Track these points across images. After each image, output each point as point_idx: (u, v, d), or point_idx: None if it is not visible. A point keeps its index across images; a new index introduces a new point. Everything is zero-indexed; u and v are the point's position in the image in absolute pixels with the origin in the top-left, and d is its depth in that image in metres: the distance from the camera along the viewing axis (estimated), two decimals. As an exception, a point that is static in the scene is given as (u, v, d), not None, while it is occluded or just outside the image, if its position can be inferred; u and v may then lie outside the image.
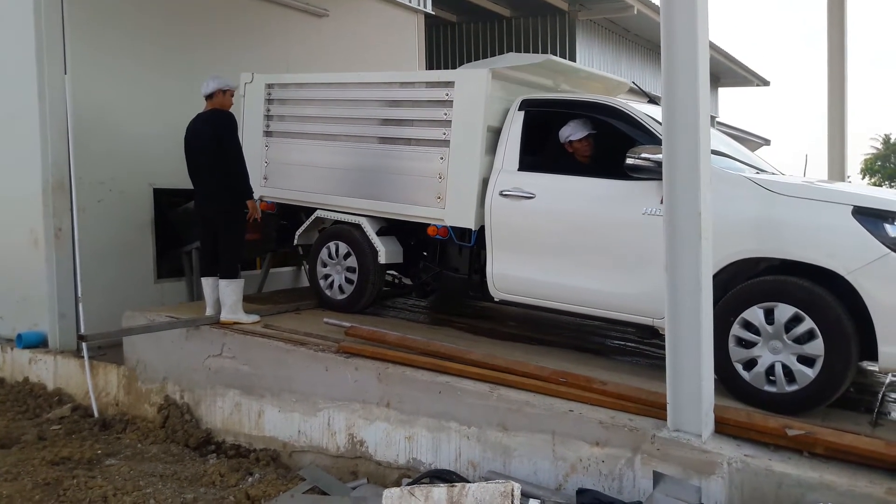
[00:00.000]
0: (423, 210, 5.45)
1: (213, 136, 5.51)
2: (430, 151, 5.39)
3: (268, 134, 6.55)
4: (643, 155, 4.20)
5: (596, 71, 6.09)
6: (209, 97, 5.67)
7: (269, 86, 6.52)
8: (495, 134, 5.19)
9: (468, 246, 5.30)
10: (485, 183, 5.13)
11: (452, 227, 5.29)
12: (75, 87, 6.42)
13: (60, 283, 6.47)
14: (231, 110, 5.75)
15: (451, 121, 5.25)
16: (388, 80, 5.77)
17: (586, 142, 5.08)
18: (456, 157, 5.23)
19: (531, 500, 3.54)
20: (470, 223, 5.17)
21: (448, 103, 5.28)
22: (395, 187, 5.62)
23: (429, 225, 5.44)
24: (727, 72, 19.63)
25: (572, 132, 5.07)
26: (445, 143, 5.29)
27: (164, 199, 7.28)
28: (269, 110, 6.54)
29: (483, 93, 5.09)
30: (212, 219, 5.67)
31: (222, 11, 7.86)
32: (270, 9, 8.38)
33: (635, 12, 13.90)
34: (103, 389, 6.00)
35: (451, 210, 5.27)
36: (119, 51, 6.91)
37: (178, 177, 6.16)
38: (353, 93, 5.95)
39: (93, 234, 6.53)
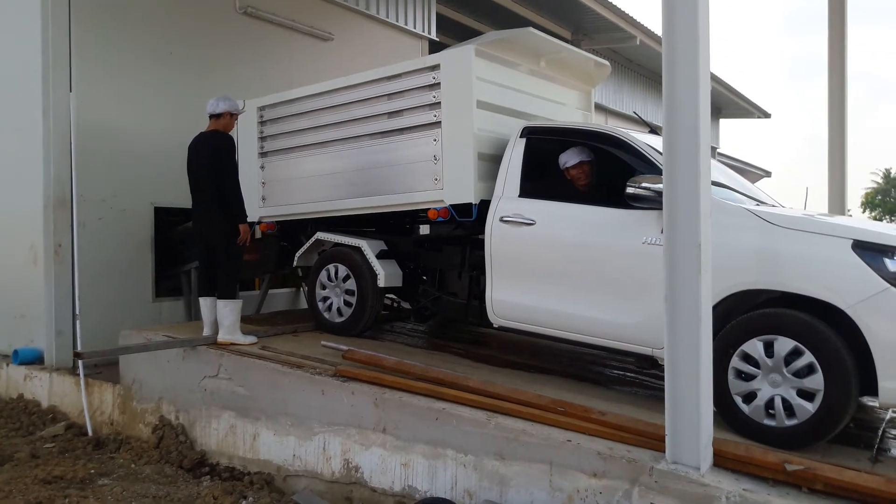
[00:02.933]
0: (421, 195, 5.46)
1: (212, 157, 5.54)
2: (424, 136, 5.43)
3: (263, 155, 6.63)
4: (644, 184, 4.21)
5: (576, 49, 6.10)
6: (217, 117, 5.71)
7: (261, 108, 6.62)
8: (485, 110, 5.24)
9: (469, 221, 5.21)
10: (481, 157, 5.17)
11: (453, 206, 5.27)
12: (80, 104, 6.47)
13: (58, 299, 6.46)
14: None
15: (440, 102, 5.31)
16: (375, 77, 5.81)
17: (581, 169, 5.09)
18: (449, 136, 5.27)
19: (527, 530, 3.51)
20: (469, 197, 5.15)
21: (436, 86, 5.34)
22: (393, 179, 5.64)
23: (430, 210, 5.42)
24: (728, 103, 19.80)
25: (568, 159, 5.10)
26: (437, 124, 5.33)
27: (164, 218, 7.30)
28: (262, 132, 6.63)
29: (470, 68, 5.15)
30: (209, 239, 5.67)
31: (227, 33, 7.94)
32: (275, 31, 8.47)
33: (638, 42, 14.06)
34: (98, 408, 5.96)
35: (449, 188, 5.28)
36: (124, 70, 6.98)
37: (180, 195, 6.19)
38: (342, 97, 6.02)
39: (92, 251, 6.54)
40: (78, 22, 6.60)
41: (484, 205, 5.15)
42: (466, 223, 5.29)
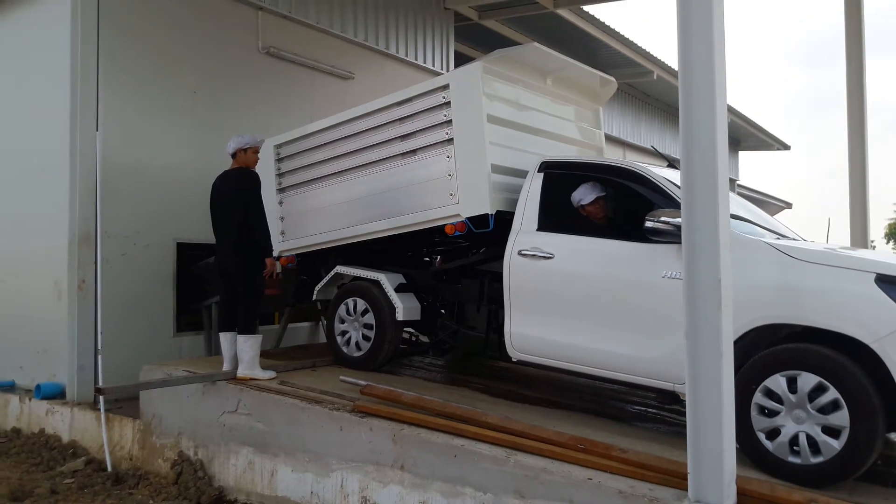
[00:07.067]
0: (438, 212, 5.49)
1: (238, 193, 5.63)
2: (437, 154, 5.50)
3: (281, 191, 6.75)
4: (662, 218, 4.19)
5: (582, 65, 6.13)
6: (233, 156, 5.82)
7: (278, 146, 6.76)
8: (495, 124, 5.30)
9: (487, 231, 5.20)
10: (494, 169, 5.21)
11: (469, 219, 5.28)
12: (105, 143, 6.60)
13: (81, 334, 6.52)
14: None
15: (451, 120, 5.38)
16: (387, 104, 5.92)
17: (597, 204, 5.09)
18: (462, 151, 5.32)
19: (547, 571, 3.44)
20: (485, 208, 5.17)
21: (447, 105, 5.42)
22: (409, 199, 5.70)
23: (446, 225, 5.42)
24: (747, 135, 19.77)
25: (582, 196, 5.09)
26: (450, 141, 5.40)
27: (186, 253, 7.38)
28: (279, 168, 6.76)
29: (479, 83, 5.22)
30: (231, 273, 5.72)
31: (250, 72, 8.09)
32: (297, 70, 8.62)
33: (655, 77, 14.15)
34: (118, 443, 5.98)
35: (464, 202, 5.31)
36: (149, 108, 7.12)
37: (202, 231, 6.26)
38: (355, 126, 6.13)
39: (115, 286, 6.61)
40: (105, 62, 6.76)
41: (500, 216, 5.18)
42: (484, 235, 5.28)
